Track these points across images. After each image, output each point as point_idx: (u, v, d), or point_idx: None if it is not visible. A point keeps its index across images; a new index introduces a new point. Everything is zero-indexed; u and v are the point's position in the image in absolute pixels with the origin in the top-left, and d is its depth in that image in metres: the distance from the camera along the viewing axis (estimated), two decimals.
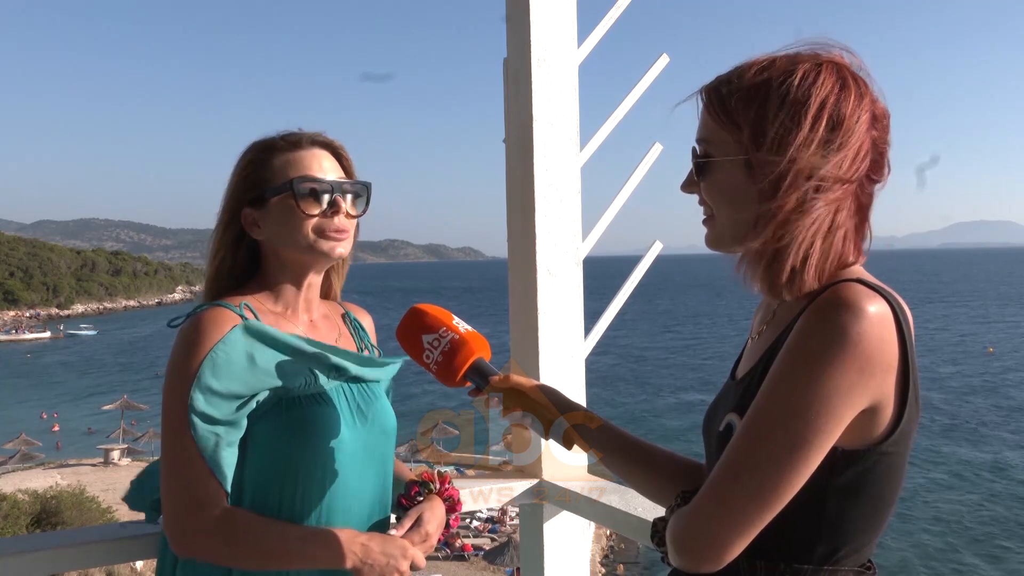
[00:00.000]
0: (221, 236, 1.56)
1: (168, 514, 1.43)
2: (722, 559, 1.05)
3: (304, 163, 1.53)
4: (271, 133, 1.59)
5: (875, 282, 1.09)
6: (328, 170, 1.54)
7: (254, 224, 1.54)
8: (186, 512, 1.41)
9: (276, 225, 1.52)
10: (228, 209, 1.55)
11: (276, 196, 1.51)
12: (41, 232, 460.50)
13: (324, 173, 1.53)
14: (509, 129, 2.33)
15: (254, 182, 1.53)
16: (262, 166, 1.54)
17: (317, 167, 1.53)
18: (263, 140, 1.57)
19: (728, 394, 1.24)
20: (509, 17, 2.31)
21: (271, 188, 1.52)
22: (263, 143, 1.56)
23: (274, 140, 1.56)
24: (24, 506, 20.84)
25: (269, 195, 1.52)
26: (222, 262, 1.56)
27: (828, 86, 1.09)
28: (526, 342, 2.28)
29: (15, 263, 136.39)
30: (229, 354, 1.43)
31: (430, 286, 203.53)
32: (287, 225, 1.51)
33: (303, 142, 1.55)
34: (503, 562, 23.53)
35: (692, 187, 1.21)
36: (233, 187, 1.55)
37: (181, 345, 1.44)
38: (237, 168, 1.56)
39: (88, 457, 35.75)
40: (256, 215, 1.53)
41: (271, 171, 1.53)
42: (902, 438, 1.08)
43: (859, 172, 1.11)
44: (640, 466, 1.39)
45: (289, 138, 1.56)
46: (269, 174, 1.53)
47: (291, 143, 1.55)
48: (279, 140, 1.56)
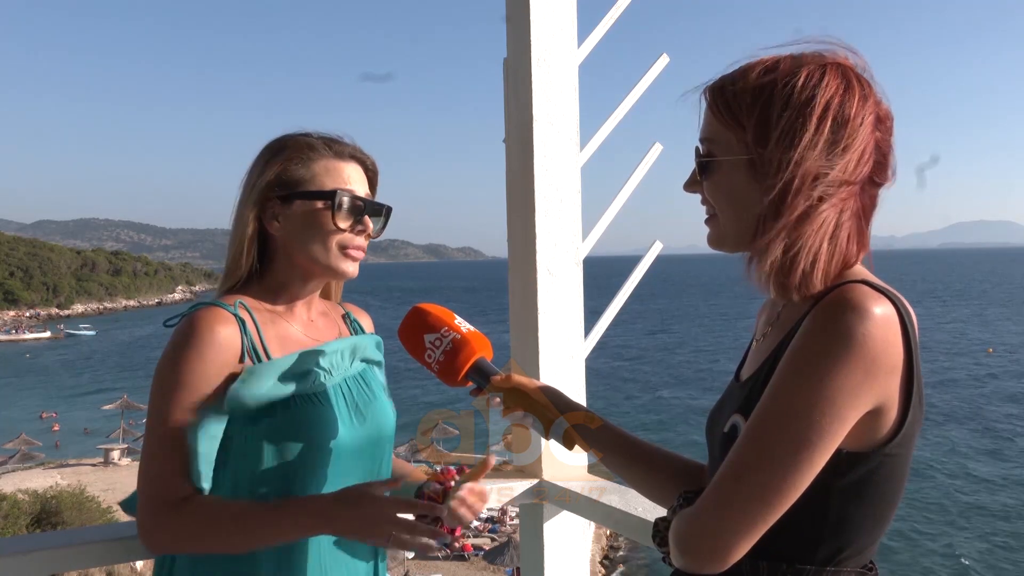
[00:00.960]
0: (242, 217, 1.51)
1: (137, 509, 1.43)
2: (726, 560, 1.05)
3: (345, 175, 1.53)
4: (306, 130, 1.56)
5: (880, 283, 1.09)
6: (360, 186, 1.55)
7: (274, 218, 1.52)
8: (150, 508, 1.41)
9: (299, 228, 1.50)
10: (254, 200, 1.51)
11: (309, 200, 1.50)
12: (41, 232, 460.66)
13: (358, 188, 1.54)
14: (509, 129, 2.33)
15: (288, 179, 1.51)
16: (300, 165, 1.51)
17: (356, 181, 1.54)
18: (303, 138, 1.54)
19: (732, 396, 1.23)
20: (509, 17, 2.30)
21: (306, 191, 1.50)
22: (304, 142, 1.54)
23: (316, 141, 1.54)
24: (24, 506, 20.85)
25: (302, 197, 1.50)
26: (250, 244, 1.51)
27: (833, 87, 1.09)
28: (526, 342, 2.28)
29: (15, 263, 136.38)
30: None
31: (430, 286, 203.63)
32: (311, 232, 1.50)
33: (345, 153, 1.55)
34: (503, 562, 23.54)
35: (695, 186, 1.21)
36: (264, 178, 1.51)
37: (172, 344, 1.44)
38: (271, 160, 1.52)
39: (88, 457, 35.76)
40: (280, 210, 1.51)
41: (310, 173, 1.51)
42: (906, 440, 1.08)
43: (863, 173, 1.11)
44: (640, 466, 1.39)
45: (333, 146, 1.54)
46: (307, 176, 1.51)
47: (335, 151, 1.54)
48: (321, 144, 1.54)
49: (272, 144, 1.55)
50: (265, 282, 1.56)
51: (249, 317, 1.49)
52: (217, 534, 1.40)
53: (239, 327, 1.46)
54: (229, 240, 1.55)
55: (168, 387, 1.41)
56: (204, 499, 1.42)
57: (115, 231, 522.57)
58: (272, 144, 1.55)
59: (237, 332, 1.46)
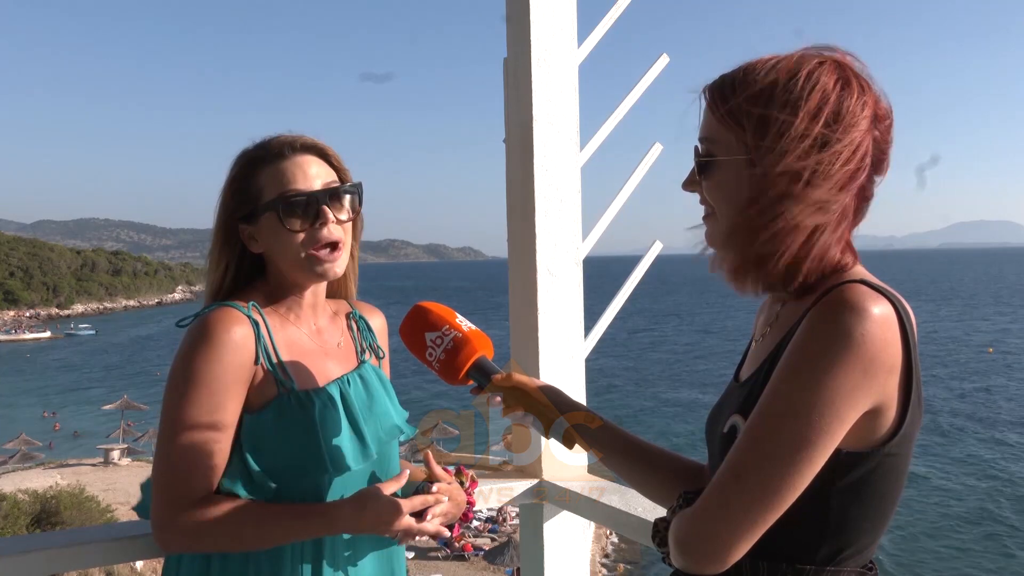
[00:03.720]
0: (221, 250, 1.55)
1: (152, 508, 1.44)
2: (726, 560, 1.05)
3: (287, 175, 1.49)
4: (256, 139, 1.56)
5: (879, 283, 1.09)
6: (315, 176, 1.51)
7: (251, 239, 1.53)
8: (164, 508, 1.42)
9: (270, 241, 1.51)
10: (223, 226, 1.54)
11: (264, 213, 1.50)
12: (41, 232, 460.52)
13: (310, 181, 1.50)
14: (509, 129, 2.33)
15: (243, 199, 1.52)
16: (248, 182, 1.52)
17: (302, 177, 1.50)
18: (247, 153, 1.55)
19: (732, 396, 1.23)
20: (509, 17, 2.30)
21: (259, 205, 1.50)
22: (247, 157, 1.54)
23: (256, 152, 1.53)
24: (24, 506, 20.85)
25: (259, 212, 1.50)
26: (226, 271, 1.55)
27: (829, 84, 1.09)
28: (526, 342, 2.28)
29: (15, 263, 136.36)
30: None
31: (430, 286, 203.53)
32: (278, 242, 1.50)
33: (285, 150, 1.51)
34: (503, 562, 23.54)
35: (694, 186, 1.21)
36: (225, 204, 1.54)
37: (187, 344, 1.44)
38: (226, 184, 1.54)
39: (88, 457, 35.75)
40: (251, 230, 1.53)
41: (258, 186, 1.51)
42: (905, 440, 1.08)
43: (859, 170, 1.11)
44: (641, 466, 1.39)
45: (271, 148, 1.52)
46: (256, 190, 1.51)
47: (274, 154, 1.51)
48: (260, 151, 1.53)
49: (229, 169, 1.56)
50: (269, 290, 1.57)
51: (261, 319, 1.50)
52: (231, 534, 1.41)
53: (253, 328, 1.47)
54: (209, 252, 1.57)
55: (183, 388, 1.42)
56: (218, 499, 1.43)
57: (115, 231, 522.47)
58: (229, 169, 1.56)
59: (251, 333, 1.47)
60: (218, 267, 1.55)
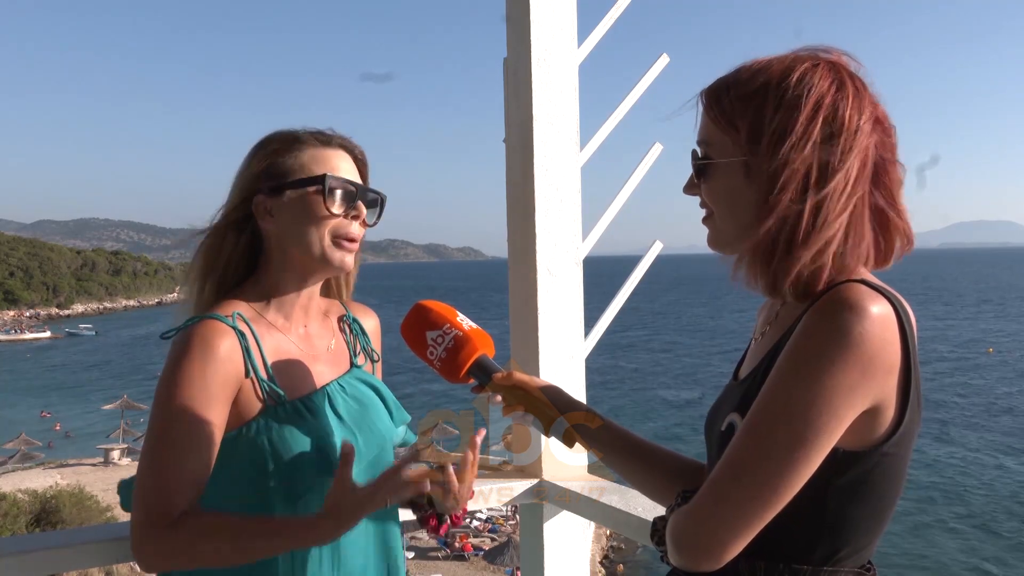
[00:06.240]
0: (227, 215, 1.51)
1: (131, 527, 1.39)
2: (721, 558, 1.05)
3: (333, 162, 1.50)
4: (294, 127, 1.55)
5: (878, 283, 1.09)
6: (350, 174, 1.52)
7: (267, 213, 1.49)
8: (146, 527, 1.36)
9: (291, 220, 1.48)
10: (240, 191, 1.50)
11: (298, 189, 1.47)
12: (41, 232, 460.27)
13: (352, 177, 1.52)
14: (509, 129, 2.33)
15: (276, 171, 1.49)
16: (288, 156, 1.50)
17: (348, 170, 1.52)
18: (290, 132, 1.54)
19: (730, 394, 1.23)
20: (509, 17, 2.30)
21: (295, 180, 1.48)
22: (290, 134, 1.53)
23: (302, 133, 1.53)
24: (24, 506, 20.86)
25: (291, 186, 1.48)
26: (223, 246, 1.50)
27: (824, 85, 1.09)
28: (526, 342, 2.28)
29: (15, 263, 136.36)
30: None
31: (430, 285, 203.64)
32: (303, 221, 1.47)
33: (332, 142, 1.53)
34: (503, 562, 23.54)
35: (693, 189, 1.22)
36: (251, 171, 1.51)
37: (171, 359, 1.41)
38: (258, 153, 1.52)
39: (88, 457, 35.76)
40: (271, 203, 1.49)
41: (298, 163, 1.49)
42: (903, 439, 1.08)
43: (860, 173, 1.10)
44: (641, 465, 1.39)
45: (318, 135, 1.53)
46: (295, 166, 1.49)
47: (320, 140, 1.52)
48: (307, 135, 1.53)
49: (259, 141, 1.54)
50: (261, 289, 1.53)
51: (248, 329, 1.46)
52: (211, 550, 1.37)
53: (239, 340, 1.43)
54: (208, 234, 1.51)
55: (167, 404, 1.38)
56: (199, 515, 1.38)
57: (115, 231, 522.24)
58: (259, 141, 1.54)
59: (237, 345, 1.43)
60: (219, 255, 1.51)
